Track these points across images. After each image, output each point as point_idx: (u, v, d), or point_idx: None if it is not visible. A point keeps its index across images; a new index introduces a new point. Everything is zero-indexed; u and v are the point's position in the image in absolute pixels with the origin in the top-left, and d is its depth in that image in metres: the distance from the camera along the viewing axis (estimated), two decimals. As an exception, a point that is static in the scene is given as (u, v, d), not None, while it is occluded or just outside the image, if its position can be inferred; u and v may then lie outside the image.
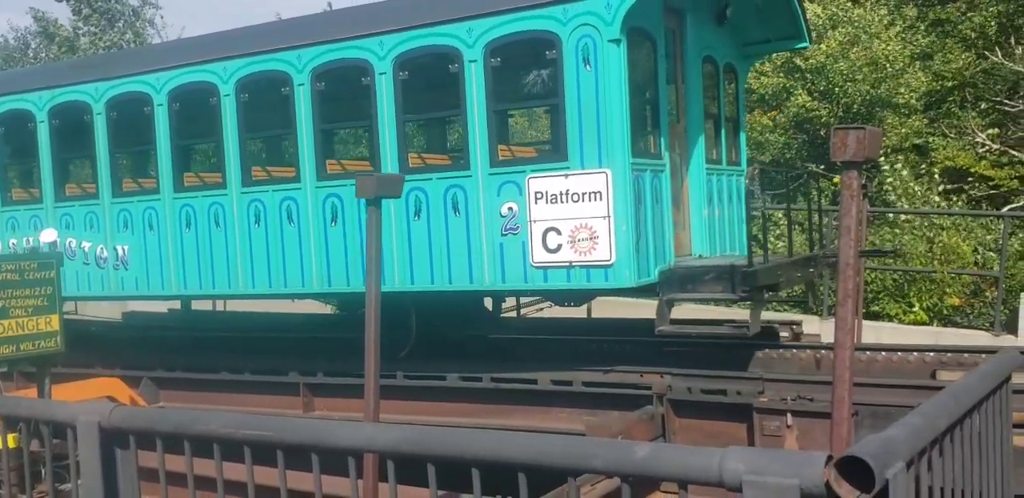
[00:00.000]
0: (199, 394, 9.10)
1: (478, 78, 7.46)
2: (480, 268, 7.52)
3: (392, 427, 2.72)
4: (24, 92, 9.93)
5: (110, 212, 8.56)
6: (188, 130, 9.45)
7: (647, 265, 7.27)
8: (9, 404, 3.92)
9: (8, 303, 6.14)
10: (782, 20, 9.07)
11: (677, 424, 6.89)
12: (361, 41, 7.93)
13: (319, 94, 8.21)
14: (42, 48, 35.20)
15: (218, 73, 8.67)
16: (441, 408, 7.89)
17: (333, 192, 8.19)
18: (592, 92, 7.04)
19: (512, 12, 7.28)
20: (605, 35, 6.96)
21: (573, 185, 7.09)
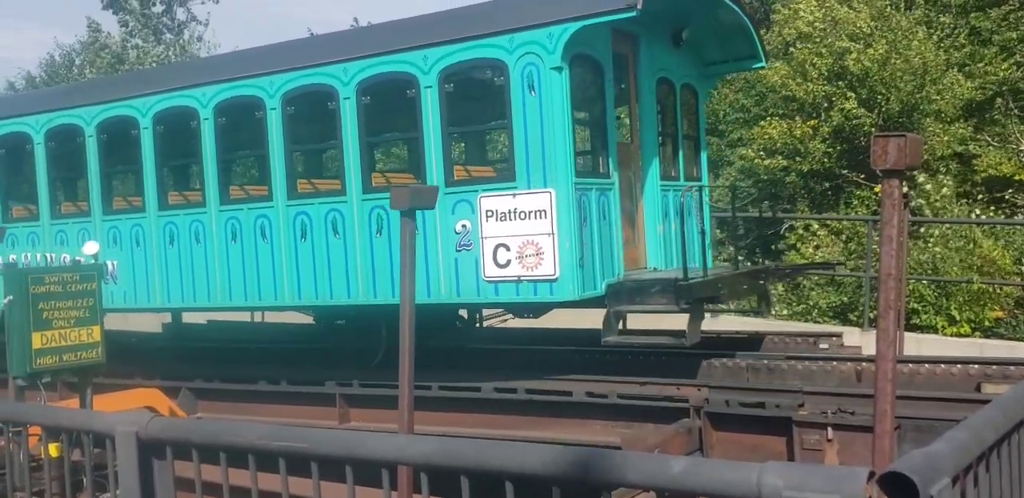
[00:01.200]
0: (236, 405, 9.16)
1: (433, 103, 7.91)
2: (437, 282, 7.93)
3: (424, 439, 2.71)
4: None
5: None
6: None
7: (592, 279, 7.64)
8: (51, 414, 3.97)
9: (51, 314, 6.25)
10: (739, 42, 9.41)
11: (714, 437, 6.79)
12: (324, 68, 8.50)
13: (289, 118, 8.71)
14: (87, 64, 35.97)
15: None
16: (475, 419, 7.86)
17: (302, 210, 8.71)
18: (537, 116, 7.45)
19: (464, 41, 7.74)
20: (547, 63, 7.37)
21: (520, 204, 7.51)
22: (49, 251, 10.26)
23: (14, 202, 10.84)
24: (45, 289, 6.25)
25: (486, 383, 7.98)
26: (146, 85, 9.62)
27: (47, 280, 6.32)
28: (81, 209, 10.53)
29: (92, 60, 32.18)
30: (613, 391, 7.34)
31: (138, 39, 30.74)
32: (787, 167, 18.74)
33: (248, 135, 9.43)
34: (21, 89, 42.72)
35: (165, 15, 31.65)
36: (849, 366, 7.80)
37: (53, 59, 42.54)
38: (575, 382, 7.84)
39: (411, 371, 4.70)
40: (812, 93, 17.78)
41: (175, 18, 31.88)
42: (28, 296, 6.19)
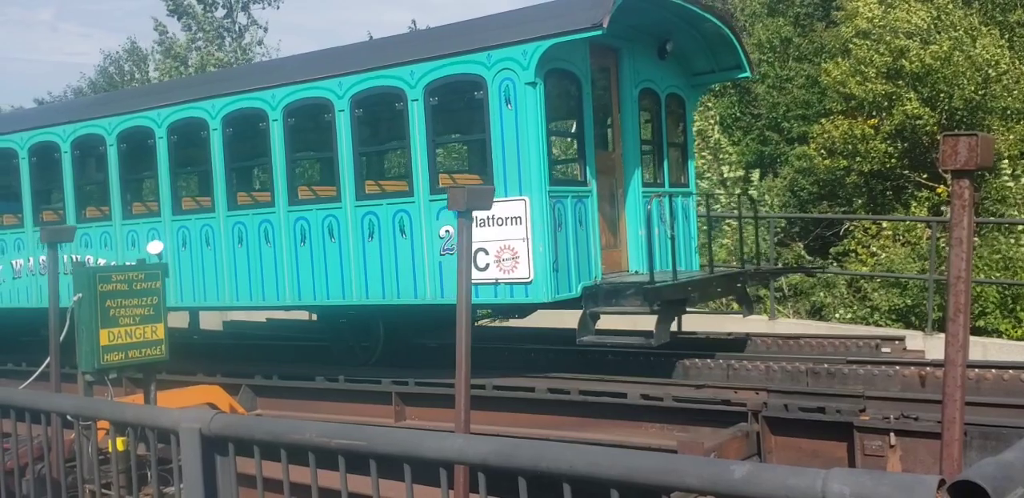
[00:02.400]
0: (295, 402, 9.29)
1: (419, 115, 8.40)
2: (423, 284, 8.42)
3: (482, 439, 2.71)
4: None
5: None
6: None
7: (567, 281, 8.03)
8: (119, 409, 4.07)
9: (118, 312, 6.41)
10: (725, 53, 9.77)
11: (773, 442, 6.69)
12: (322, 82, 9.03)
13: (290, 128, 9.32)
14: (136, 70, 36.94)
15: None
16: (529, 419, 7.86)
17: (301, 216, 9.27)
18: (513, 128, 7.87)
19: (446, 57, 8.23)
20: (522, 78, 7.81)
21: (498, 211, 7.80)
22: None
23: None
24: (112, 287, 6.42)
25: (504, 380, 8.15)
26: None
27: (114, 278, 6.49)
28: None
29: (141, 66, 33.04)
30: (668, 394, 7.27)
31: (201, 42, 31.38)
32: (847, 167, 18.38)
33: (256, 144, 9.95)
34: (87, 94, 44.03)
35: (226, 19, 32.24)
36: (913, 370, 7.62)
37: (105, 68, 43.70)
38: (630, 384, 7.80)
39: (468, 371, 4.72)
40: (871, 92, 17.42)
41: (236, 22, 32.45)
42: (96, 294, 6.37)
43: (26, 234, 11.81)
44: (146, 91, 14.71)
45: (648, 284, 7.65)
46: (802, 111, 22.61)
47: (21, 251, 11.87)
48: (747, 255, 13.56)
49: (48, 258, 7.26)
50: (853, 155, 17.97)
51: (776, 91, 23.93)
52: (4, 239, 12.08)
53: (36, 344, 12.56)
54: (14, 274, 11.88)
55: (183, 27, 31.80)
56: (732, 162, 19.73)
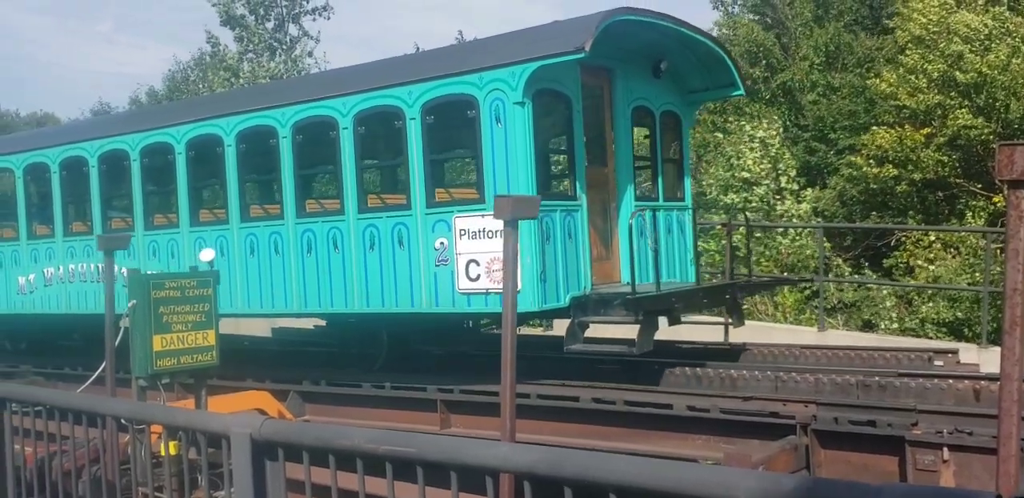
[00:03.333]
0: (341, 408, 9.38)
1: (416, 133, 8.78)
2: (419, 293, 8.76)
3: (529, 448, 2.71)
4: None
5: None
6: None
7: (555, 292, 8.35)
8: (171, 414, 4.16)
9: (171, 318, 6.55)
10: (719, 72, 10.11)
11: (822, 456, 6.58)
12: (328, 101, 9.45)
13: (297, 145, 9.80)
14: (200, 80, 37.60)
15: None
16: (573, 429, 7.84)
17: (308, 228, 9.71)
18: (503, 145, 8.23)
19: (442, 78, 8.63)
20: (511, 98, 8.17)
21: (488, 224, 8.21)
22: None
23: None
24: (165, 294, 6.56)
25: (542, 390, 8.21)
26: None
27: (167, 285, 6.64)
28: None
29: (203, 77, 33.62)
30: (715, 405, 7.20)
31: (252, 54, 31.84)
32: (897, 176, 18.07)
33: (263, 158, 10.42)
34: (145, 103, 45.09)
35: (278, 31, 32.69)
36: (966, 384, 7.43)
37: (173, 75, 44.74)
38: (676, 395, 7.74)
39: (513, 380, 4.73)
40: (923, 103, 17.12)
41: (287, 33, 32.88)
42: (150, 300, 6.51)
43: (56, 244, 12.45)
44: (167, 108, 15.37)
45: (630, 295, 7.94)
46: (849, 122, 22.32)
47: (52, 260, 12.52)
48: (746, 267, 14.08)
49: (105, 265, 7.44)
50: (904, 164, 17.67)
51: (824, 99, 23.66)
52: (37, 249, 12.73)
53: (72, 349, 13.43)
54: (45, 282, 12.55)
55: (235, 38, 32.32)
56: (791, 174, 19.53)
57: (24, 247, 12.91)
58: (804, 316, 16.00)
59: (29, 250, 12.82)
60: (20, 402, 5.01)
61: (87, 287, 11.95)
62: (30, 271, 12.79)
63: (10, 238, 13.18)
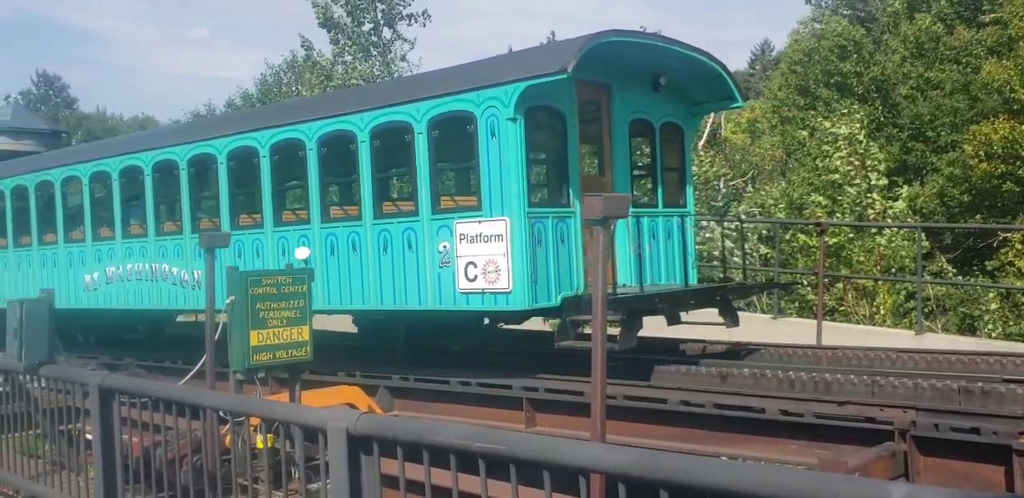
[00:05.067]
0: (428, 404, 9.50)
1: (423, 146, 9.53)
2: (425, 293, 9.50)
3: (623, 449, 2.70)
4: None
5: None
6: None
7: (546, 292, 8.99)
8: (270, 408, 4.28)
9: (267, 314, 6.74)
10: (718, 86, 10.71)
11: (922, 463, 6.34)
12: (348, 117, 10.28)
13: (323, 157, 10.62)
14: (293, 82, 38.44)
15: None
16: (660, 431, 7.76)
17: (331, 232, 10.53)
18: (497, 158, 8.91)
19: (445, 96, 9.37)
20: (504, 115, 8.84)
21: (484, 229, 9.01)
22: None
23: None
24: (262, 290, 6.76)
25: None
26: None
27: (264, 282, 6.84)
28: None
29: (302, 78, 34.25)
30: (809, 410, 7.02)
31: (348, 56, 32.20)
32: (1006, 173, 17.30)
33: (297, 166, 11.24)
34: (240, 106, 46.53)
35: (373, 34, 32.97)
36: (1080, 393, 7.07)
37: (265, 79, 45.97)
38: (767, 399, 7.58)
39: (604, 380, 4.71)
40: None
41: (381, 36, 33.13)
42: (248, 296, 6.72)
43: (116, 245, 13.55)
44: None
45: (612, 295, 8.45)
46: (950, 119, 21.47)
47: (113, 260, 13.66)
48: (745, 268, 14.90)
49: (206, 263, 7.70)
50: (1014, 159, 16.90)
51: (919, 94, 22.83)
52: (100, 250, 13.92)
53: (136, 342, 14.96)
54: (107, 280, 13.73)
55: (331, 40, 32.79)
56: (880, 170, 18.91)
57: (89, 248, 14.13)
58: (904, 319, 15.47)
59: (94, 251, 14.05)
60: (128, 394, 5.24)
61: (142, 285, 13.14)
62: (94, 269, 13.97)
63: (78, 239, 14.43)
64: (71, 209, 14.62)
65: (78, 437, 6.30)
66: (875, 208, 17.92)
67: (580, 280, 9.40)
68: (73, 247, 14.47)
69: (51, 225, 14.84)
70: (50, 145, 30.83)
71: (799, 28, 35.85)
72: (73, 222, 14.49)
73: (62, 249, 14.66)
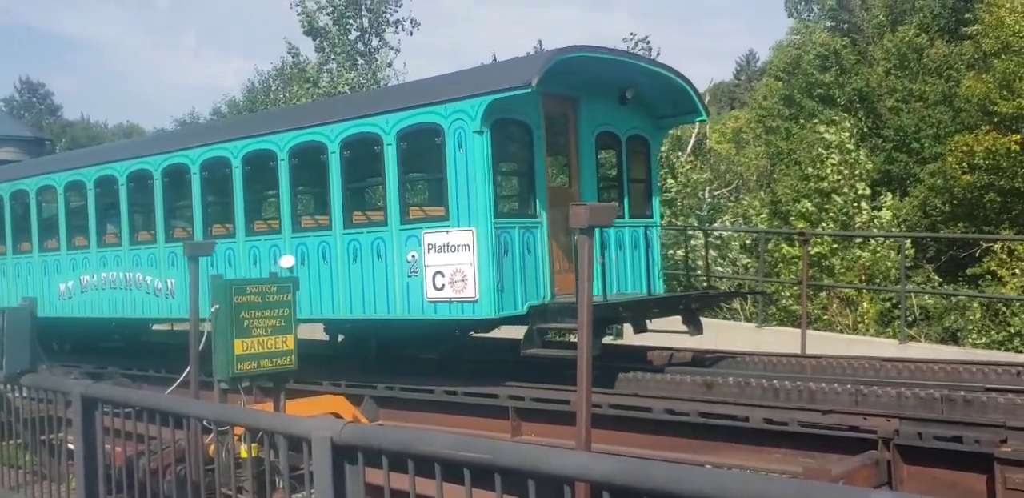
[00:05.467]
0: (414, 413, 9.47)
1: (392, 157, 9.70)
2: (394, 302, 9.65)
3: (608, 457, 2.71)
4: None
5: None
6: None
7: (512, 301, 9.16)
8: (254, 417, 4.26)
9: (251, 323, 6.71)
10: (684, 100, 11.03)
11: (905, 472, 6.38)
12: (319, 128, 10.43)
13: (294, 167, 10.82)
14: (281, 89, 38.31)
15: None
16: (645, 440, 7.76)
17: (301, 241, 10.72)
18: (464, 169, 9.11)
19: (413, 108, 9.57)
20: (470, 127, 9.06)
21: (452, 239, 9.19)
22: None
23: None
24: (247, 299, 6.73)
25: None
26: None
27: (248, 290, 6.81)
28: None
29: (290, 85, 34.09)
30: (793, 419, 7.05)
31: (333, 64, 32.05)
32: (988, 184, 17.46)
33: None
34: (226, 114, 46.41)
35: (359, 41, 32.82)
36: (1060, 401, 7.13)
37: (253, 86, 45.87)
38: (752, 407, 7.60)
39: (589, 389, 4.72)
40: (1020, 107, 16.51)
41: (368, 44, 32.98)
42: (232, 305, 6.69)
43: (91, 254, 13.70)
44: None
45: (572, 303, 8.58)
46: (934, 130, 21.67)
47: (87, 269, 13.80)
48: (704, 278, 15.30)
49: (190, 272, 7.66)
50: (995, 171, 17.06)
51: (903, 106, 23.04)
52: (74, 259, 14.06)
53: (110, 350, 15.09)
54: (81, 289, 13.87)
55: (316, 48, 32.65)
56: (866, 180, 19.04)
57: (64, 257, 14.30)
58: (888, 329, 15.56)
59: (68, 260, 14.22)
60: (112, 403, 5.21)
61: (117, 294, 13.26)
62: (69, 278, 14.18)
63: (53, 248, 14.62)
64: (46, 218, 14.78)
65: (60, 447, 6.25)
66: (862, 217, 18.03)
67: (547, 289, 9.60)
68: (48, 256, 14.62)
69: (26, 234, 15.05)
70: (34, 152, 30.67)
71: (784, 39, 36.18)
72: (48, 231, 14.64)
73: (36, 258, 14.86)
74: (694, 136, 24.98)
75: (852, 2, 27.78)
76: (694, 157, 23.39)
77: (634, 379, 9.20)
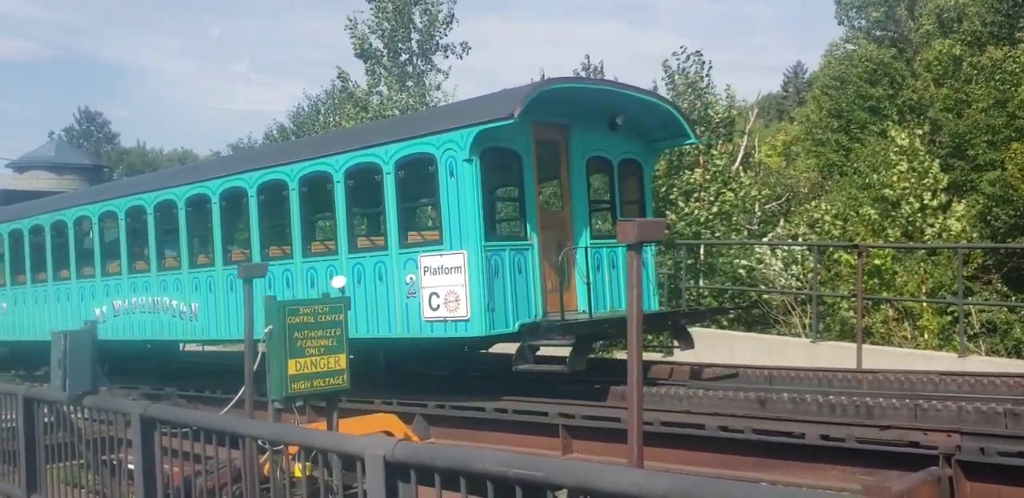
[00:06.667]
0: (465, 431, 9.48)
1: (391, 185, 10.31)
2: (394, 321, 10.17)
3: (663, 475, 2.69)
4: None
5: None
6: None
7: (504, 320, 9.64)
8: (309, 436, 4.32)
9: (304, 343, 6.80)
10: (673, 124, 11.54)
11: (968, 488, 6.20)
12: (326, 159, 11.13)
13: (303, 195, 11.50)
14: (331, 112, 38.87)
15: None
16: (698, 457, 7.66)
17: (312, 266, 11.33)
18: (456, 196, 9.67)
19: (410, 139, 10.18)
20: (460, 156, 9.61)
21: (445, 262, 9.73)
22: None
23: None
24: (300, 320, 6.82)
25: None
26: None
27: (301, 311, 6.91)
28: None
29: (340, 109, 34.57)
30: (851, 435, 6.90)
31: (384, 86, 32.39)
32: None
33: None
34: (275, 139, 47.27)
35: (408, 64, 33.14)
36: None
37: (302, 109, 46.62)
38: (807, 424, 7.47)
39: (640, 405, 4.69)
40: None
41: (417, 67, 33.28)
42: (285, 326, 6.79)
43: (123, 281, 14.56)
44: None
45: (560, 321, 9.44)
46: (988, 137, 21.20)
47: (120, 293, 14.63)
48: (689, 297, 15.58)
49: (244, 293, 7.80)
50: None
51: (952, 114, 22.60)
52: (108, 285, 14.92)
53: (146, 370, 15.50)
54: (115, 313, 14.67)
55: (367, 70, 33.06)
56: (939, 189, 18.64)
57: (99, 283, 15.19)
58: (949, 343, 15.17)
59: (103, 285, 15.11)
60: (169, 423, 5.31)
61: (145, 317, 14.04)
62: (103, 303, 15.02)
63: (89, 275, 15.48)
64: (83, 247, 15.64)
65: (120, 467, 6.38)
66: (933, 228, 17.67)
67: (538, 307, 10.08)
68: (84, 282, 15.46)
69: (64, 262, 15.87)
70: (93, 180, 31.58)
71: (831, 50, 35.73)
72: (85, 259, 15.47)
73: (75, 284, 15.72)
74: (742, 150, 24.79)
75: (899, 13, 27.41)
76: (743, 171, 23.21)
77: (685, 396, 9.10)
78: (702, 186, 21.10)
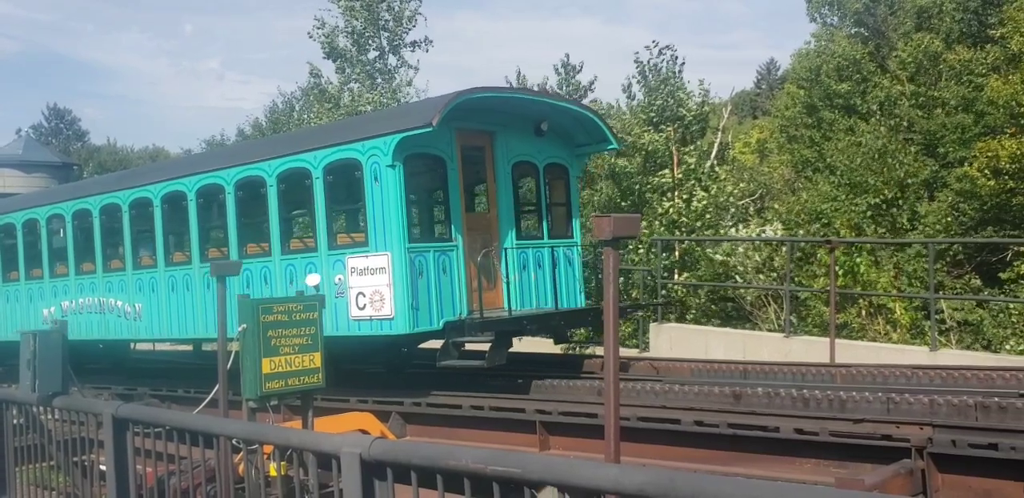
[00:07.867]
0: (441, 429, 9.47)
1: (320, 189, 10.80)
2: (326, 320, 9.88)
3: (639, 469, 2.69)
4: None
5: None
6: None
7: (428, 318, 10.11)
8: (283, 435, 4.28)
9: (279, 342, 6.74)
10: (595, 130, 12.14)
11: (940, 480, 6.29)
12: (259, 164, 11.63)
13: (239, 199, 11.95)
14: (305, 109, 38.71)
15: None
16: (674, 452, 7.71)
17: (247, 267, 11.42)
18: (380, 200, 10.12)
19: (337, 145, 10.65)
20: (384, 162, 10.06)
21: (371, 263, 10.16)
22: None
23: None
24: (274, 318, 6.75)
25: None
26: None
27: (275, 309, 6.83)
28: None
29: (312, 106, 34.52)
30: (825, 428, 6.97)
31: (354, 84, 32.47)
32: (1014, 189, 17.25)
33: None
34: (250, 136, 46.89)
35: (378, 61, 33.29)
36: (1099, 407, 7.00)
37: (276, 106, 46.30)
38: (782, 418, 7.53)
39: (617, 401, 4.69)
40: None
41: (387, 64, 33.43)
42: (259, 324, 6.72)
43: (70, 281, 14.93)
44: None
45: (477, 318, 9.85)
46: (957, 135, 21.47)
47: (67, 294, 14.99)
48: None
49: (217, 292, 7.72)
50: (1021, 176, 16.87)
51: (923, 111, 22.85)
52: (55, 286, 15.29)
53: (97, 371, 15.42)
54: (62, 313, 14.92)
55: (337, 69, 33.10)
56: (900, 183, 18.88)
57: (47, 284, 15.60)
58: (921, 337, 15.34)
59: (51, 287, 15.52)
60: (142, 423, 5.24)
61: (93, 317, 14.37)
62: (51, 304, 15.33)
63: (37, 277, 15.84)
64: (30, 249, 15.92)
65: (92, 468, 6.29)
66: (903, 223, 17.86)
67: (463, 305, 10.46)
68: (32, 284, 15.84)
69: (13, 264, 16.27)
70: (62, 178, 31.11)
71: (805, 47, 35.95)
72: (32, 261, 15.89)
73: (23, 286, 15.99)
74: (716, 146, 24.91)
75: (879, 8, 27.65)
76: (718, 168, 23.32)
77: (661, 391, 9.14)
78: (677, 184, 21.18)
